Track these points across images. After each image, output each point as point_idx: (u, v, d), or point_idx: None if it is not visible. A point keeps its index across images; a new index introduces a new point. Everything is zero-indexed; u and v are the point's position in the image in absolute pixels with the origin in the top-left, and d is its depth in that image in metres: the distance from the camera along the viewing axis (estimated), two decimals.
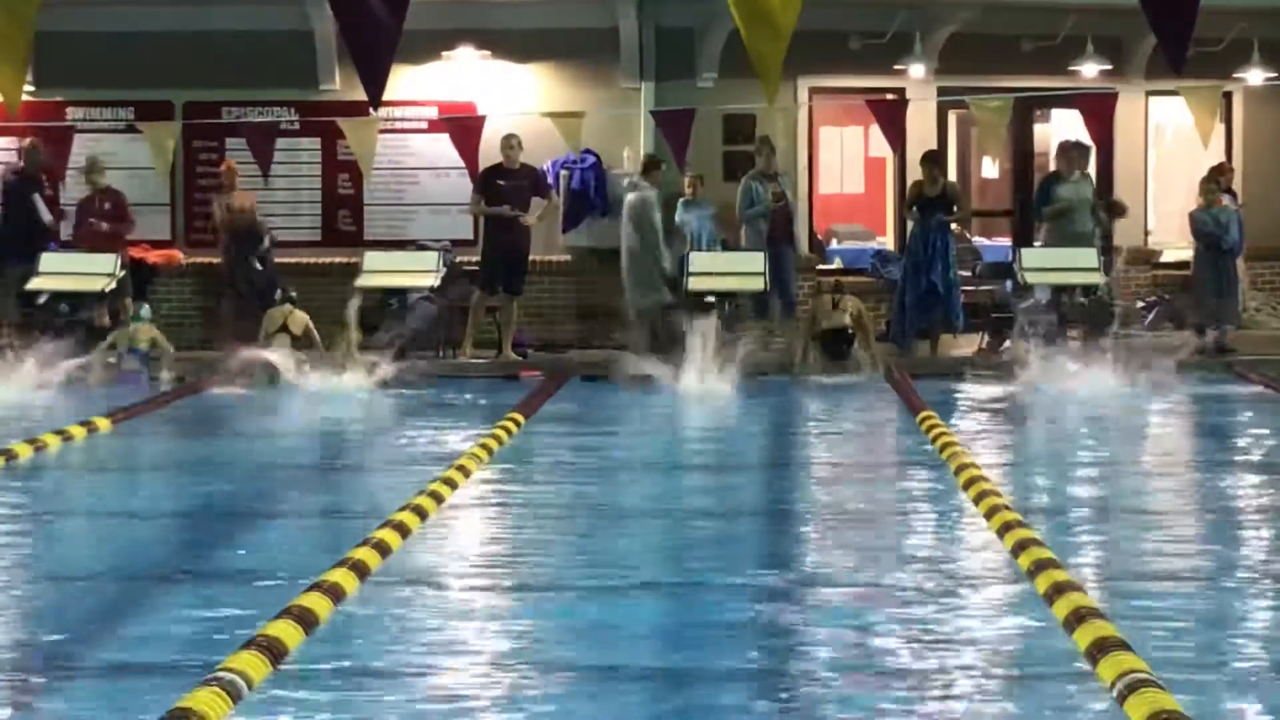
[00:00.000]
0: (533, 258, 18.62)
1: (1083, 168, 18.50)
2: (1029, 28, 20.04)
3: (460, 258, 18.89)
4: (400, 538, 8.56)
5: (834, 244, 21.38)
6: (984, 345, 18.29)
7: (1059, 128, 22.82)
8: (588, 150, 19.13)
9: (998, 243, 21.27)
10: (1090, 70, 19.91)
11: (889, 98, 19.14)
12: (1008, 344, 17.58)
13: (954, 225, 18.68)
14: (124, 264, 17.87)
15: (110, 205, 18.44)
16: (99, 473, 12.02)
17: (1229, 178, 19.81)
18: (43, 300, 17.65)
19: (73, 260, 17.98)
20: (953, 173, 21.21)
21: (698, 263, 17.88)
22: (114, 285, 17.57)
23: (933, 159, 18.68)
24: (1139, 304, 20.04)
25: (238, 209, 18.59)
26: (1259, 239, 20.05)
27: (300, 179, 19.71)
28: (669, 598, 7.76)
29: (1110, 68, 20.03)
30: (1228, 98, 20.46)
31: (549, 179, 19.04)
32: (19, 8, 5.81)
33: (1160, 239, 20.84)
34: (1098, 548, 9.11)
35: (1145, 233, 21.13)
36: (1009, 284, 18.59)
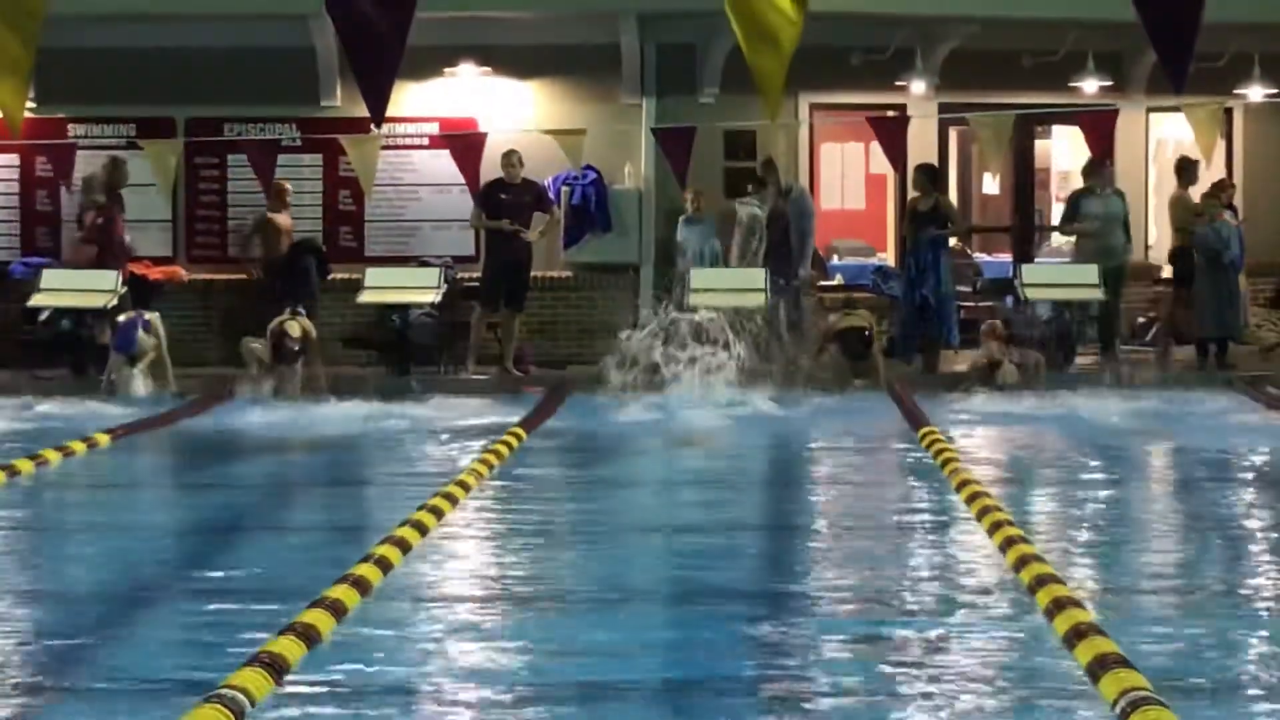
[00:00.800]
0: (534, 273, 18.63)
1: (1111, 183, 18.67)
2: (1030, 44, 20.05)
3: (462, 274, 18.91)
4: (401, 554, 8.56)
5: (835, 260, 21.38)
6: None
7: (1060, 144, 22.88)
8: (589, 166, 19.14)
9: (999, 258, 21.28)
10: (1091, 86, 19.93)
11: (890, 114, 19.15)
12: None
13: (953, 240, 18.67)
14: (124, 281, 17.88)
15: (103, 222, 18.47)
16: (99, 488, 12.00)
17: (1230, 193, 19.83)
18: (44, 317, 17.72)
19: (74, 277, 18.00)
20: (953, 189, 21.23)
21: (699, 279, 17.90)
22: (115, 302, 17.58)
23: (926, 173, 18.68)
24: (1139, 319, 20.06)
25: (289, 228, 18.73)
26: (1260, 254, 20.06)
27: (302, 195, 19.71)
28: (670, 613, 7.75)
29: (1111, 84, 20.05)
30: (1229, 114, 20.48)
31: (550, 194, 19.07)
32: (22, 24, 5.81)
33: (1161, 255, 20.84)
34: (1099, 563, 9.10)
35: (1146, 248, 21.13)
36: (1010, 300, 18.61)
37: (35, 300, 17.77)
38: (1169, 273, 19.92)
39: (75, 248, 18.87)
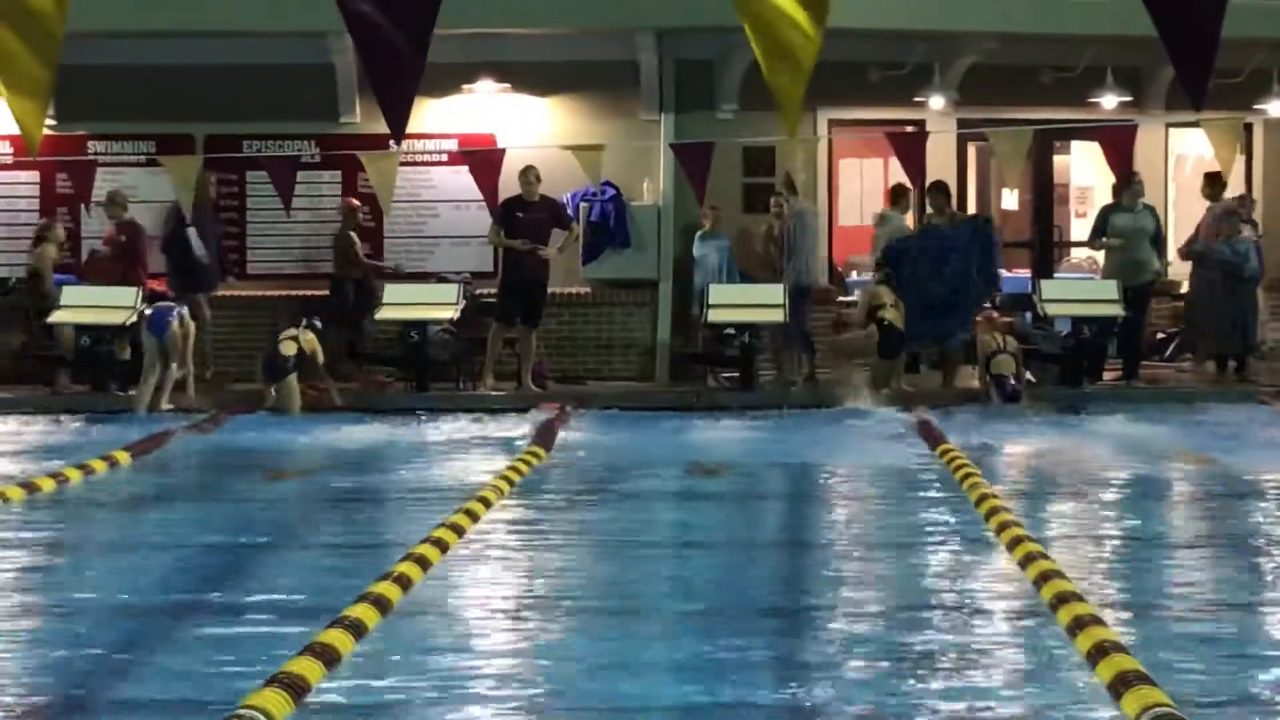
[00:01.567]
0: (553, 289, 18.65)
1: (1141, 197, 18.70)
2: (1048, 59, 20.05)
3: (480, 290, 18.93)
4: (421, 571, 8.55)
5: (854, 276, 21.36)
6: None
7: (1079, 159, 22.84)
8: (607, 182, 19.14)
9: (1017, 274, 21.24)
10: (1110, 101, 19.91)
11: (909, 129, 19.15)
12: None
13: None
14: (144, 297, 17.91)
15: (125, 238, 18.54)
16: (119, 507, 12.00)
17: (1250, 208, 19.80)
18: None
19: (93, 293, 18.04)
20: (973, 204, 21.20)
21: (717, 295, 17.91)
22: (134, 318, 17.60)
23: (940, 189, 18.72)
24: (1159, 335, 20.02)
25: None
26: None
27: (321, 212, 19.74)
28: (690, 628, 7.73)
29: (1130, 99, 20.02)
30: (1248, 129, 20.44)
31: (569, 210, 19.09)
32: (42, 44, 5.82)
33: (1180, 270, 20.79)
34: (1121, 579, 9.08)
35: (1165, 264, 21.07)
36: (1028, 315, 18.58)
37: (55, 317, 17.82)
38: (1187, 288, 19.90)
39: (97, 261, 18.87)
